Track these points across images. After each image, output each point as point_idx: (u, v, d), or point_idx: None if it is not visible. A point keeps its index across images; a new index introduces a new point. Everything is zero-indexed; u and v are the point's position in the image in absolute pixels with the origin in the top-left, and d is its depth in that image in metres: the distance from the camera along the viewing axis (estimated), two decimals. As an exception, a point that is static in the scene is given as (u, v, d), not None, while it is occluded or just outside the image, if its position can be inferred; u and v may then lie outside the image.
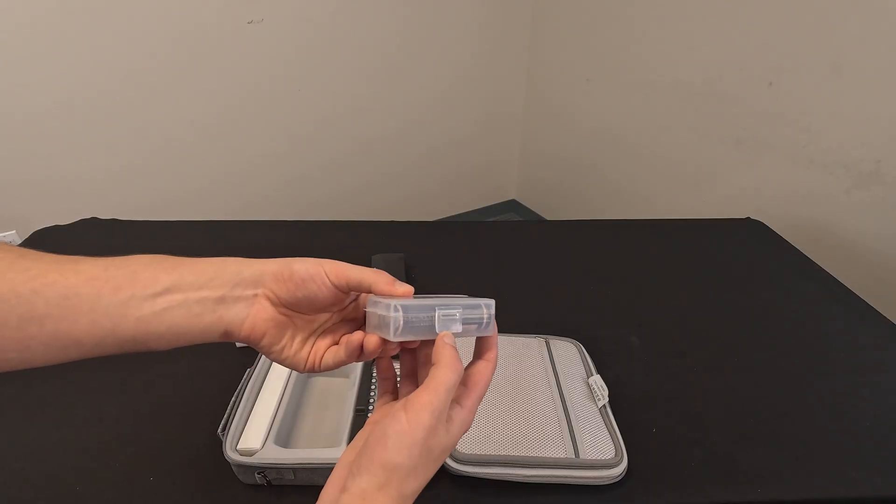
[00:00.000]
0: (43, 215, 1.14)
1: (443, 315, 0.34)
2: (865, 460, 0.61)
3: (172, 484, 0.56)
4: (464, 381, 0.35)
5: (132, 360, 0.74)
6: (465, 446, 0.56)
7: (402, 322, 0.33)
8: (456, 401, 0.34)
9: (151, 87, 1.56)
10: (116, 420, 0.64)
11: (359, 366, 0.66)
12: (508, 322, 0.79)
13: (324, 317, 0.38)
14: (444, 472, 0.56)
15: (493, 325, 0.36)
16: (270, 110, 1.79)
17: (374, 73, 1.91)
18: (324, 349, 0.38)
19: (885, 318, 0.86)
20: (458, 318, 0.35)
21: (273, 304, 0.35)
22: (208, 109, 1.68)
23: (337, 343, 0.38)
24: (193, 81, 1.61)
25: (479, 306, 0.36)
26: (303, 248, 0.76)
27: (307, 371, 0.38)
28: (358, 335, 0.36)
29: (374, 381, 0.64)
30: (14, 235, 1.58)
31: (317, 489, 0.57)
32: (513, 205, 2.57)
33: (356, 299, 0.40)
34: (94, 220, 1.05)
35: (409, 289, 0.35)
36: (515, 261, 1.00)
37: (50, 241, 0.98)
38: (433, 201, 2.35)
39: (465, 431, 0.34)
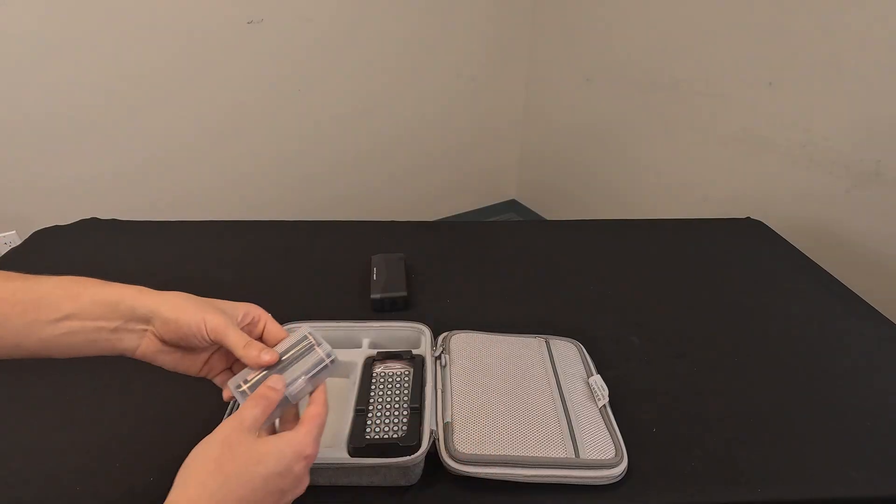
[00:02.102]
0: (43, 215, 1.13)
1: (291, 391, 0.43)
2: (865, 460, 0.61)
3: (172, 484, 0.56)
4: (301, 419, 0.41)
5: (132, 360, 0.74)
6: (465, 446, 0.56)
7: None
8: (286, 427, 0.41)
9: (150, 86, 1.56)
10: (116, 420, 0.64)
11: (359, 366, 0.66)
12: (508, 322, 0.79)
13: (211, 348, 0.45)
14: (444, 472, 0.56)
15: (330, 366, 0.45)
16: (270, 112, 1.79)
17: (374, 73, 1.91)
18: (219, 369, 0.46)
19: (885, 317, 0.86)
20: (303, 384, 0.43)
21: (160, 340, 0.42)
22: (207, 111, 1.68)
23: (230, 368, 0.46)
24: (192, 82, 1.61)
25: (319, 360, 0.45)
26: (303, 249, 0.77)
27: (199, 376, 0.46)
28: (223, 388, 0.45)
29: (373, 381, 0.64)
30: (14, 236, 1.58)
31: (316, 489, 0.57)
32: (513, 205, 2.57)
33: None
34: (93, 221, 1.05)
35: (274, 358, 0.42)
36: (515, 261, 1.00)
37: (50, 241, 0.98)
38: (433, 201, 2.35)
39: (299, 452, 0.38)
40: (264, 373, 0.43)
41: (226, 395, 0.44)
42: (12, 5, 1.31)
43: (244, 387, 0.42)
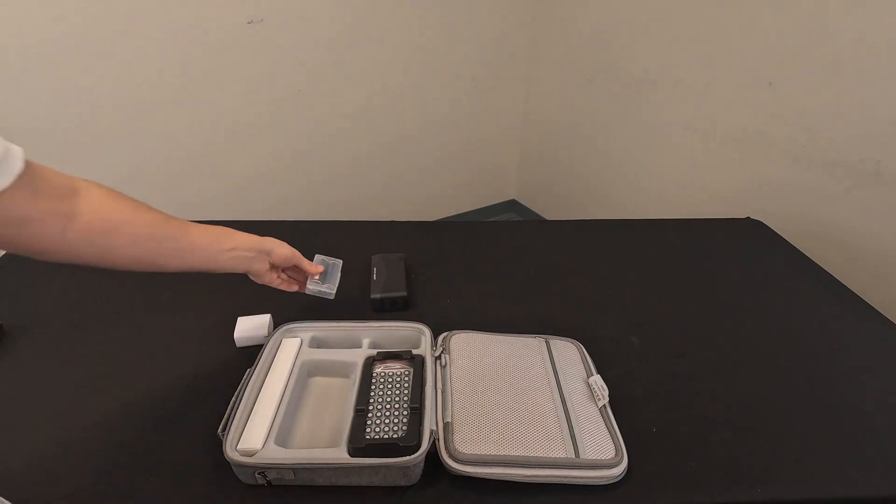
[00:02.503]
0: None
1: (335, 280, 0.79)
2: (865, 460, 0.61)
3: (172, 484, 0.56)
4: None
5: (132, 360, 0.74)
6: (465, 446, 0.56)
7: (332, 294, 0.77)
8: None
9: (149, 88, 1.56)
10: (116, 420, 0.64)
11: (359, 366, 0.66)
12: (508, 322, 0.79)
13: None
14: (444, 472, 0.56)
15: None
16: (269, 114, 1.78)
17: (374, 73, 1.91)
18: (276, 276, 0.73)
19: (884, 317, 0.86)
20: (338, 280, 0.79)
21: (270, 263, 0.71)
22: (206, 112, 1.67)
23: (282, 277, 0.75)
24: (190, 83, 1.61)
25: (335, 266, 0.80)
26: (303, 249, 0.77)
27: (265, 283, 0.73)
28: (296, 286, 0.77)
29: (373, 381, 0.64)
30: (14, 235, 1.58)
31: (317, 489, 0.57)
32: (513, 205, 2.57)
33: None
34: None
35: (321, 269, 0.77)
36: (515, 261, 1.00)
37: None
38: (433, 201, 2.35)
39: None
40: (317, 277, 0.76)
41: (304, 288, 0.77)
42: (12, 9, 1.31)
43: (316, 278, 0.76)
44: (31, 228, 0.47)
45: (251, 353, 0.69)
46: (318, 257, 0.79)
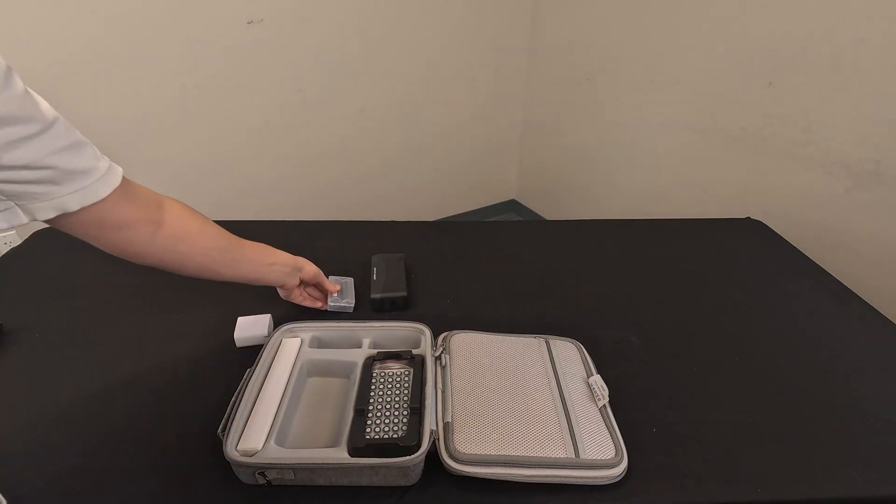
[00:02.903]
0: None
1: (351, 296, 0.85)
2: (865, 460, 0.61)
3: (172, 484, 0.56)
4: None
5: (132, 360, 0.74)
6: (465, 446, 0.56)
7: (351, 308, 0.83)
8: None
9: (148, 88, 1.56)
10: (116, 420, 0.64)
11: (359, 366, 0.66)
12: (508, 322, 0.79)
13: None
14: (444, 472, 0.56)
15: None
16: (267, 115, 1.78)
17: (373, 74, 1.90)
18: (298, 293, 0.80)
19: (884, 317, 0.86)
20: (352, 298, 0.84)
21: (300, 279, 0.78)
22: (204, 112, 1.67)
23: (304, 294, 0.81)
24: (189, 83, 1.61)
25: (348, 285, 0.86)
26: (304, 249, 0.78)
27: (288, 298, 0.80)
28: (319, 303, 0.83)
29: (373, 381, 0.64)
30: (14, 236, 1.58)
31: (316, 489, 0.57)
32: (513, 205, 2.57)
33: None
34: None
35: (338, 287, 0.83)
36: (515, 261, 1.00)
37: (50, 241, 0.98)
38: (433, 201, 2.35)
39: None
40: (336, 294, 0.82)
41: (323, 306, 0.82)
42: (11, 17, 1.31)
43: (334, 295, 0.82)
44: (129, 231, 0.55)
45: (251, 353, 0.69)
46: (332, 278, 0.85)
